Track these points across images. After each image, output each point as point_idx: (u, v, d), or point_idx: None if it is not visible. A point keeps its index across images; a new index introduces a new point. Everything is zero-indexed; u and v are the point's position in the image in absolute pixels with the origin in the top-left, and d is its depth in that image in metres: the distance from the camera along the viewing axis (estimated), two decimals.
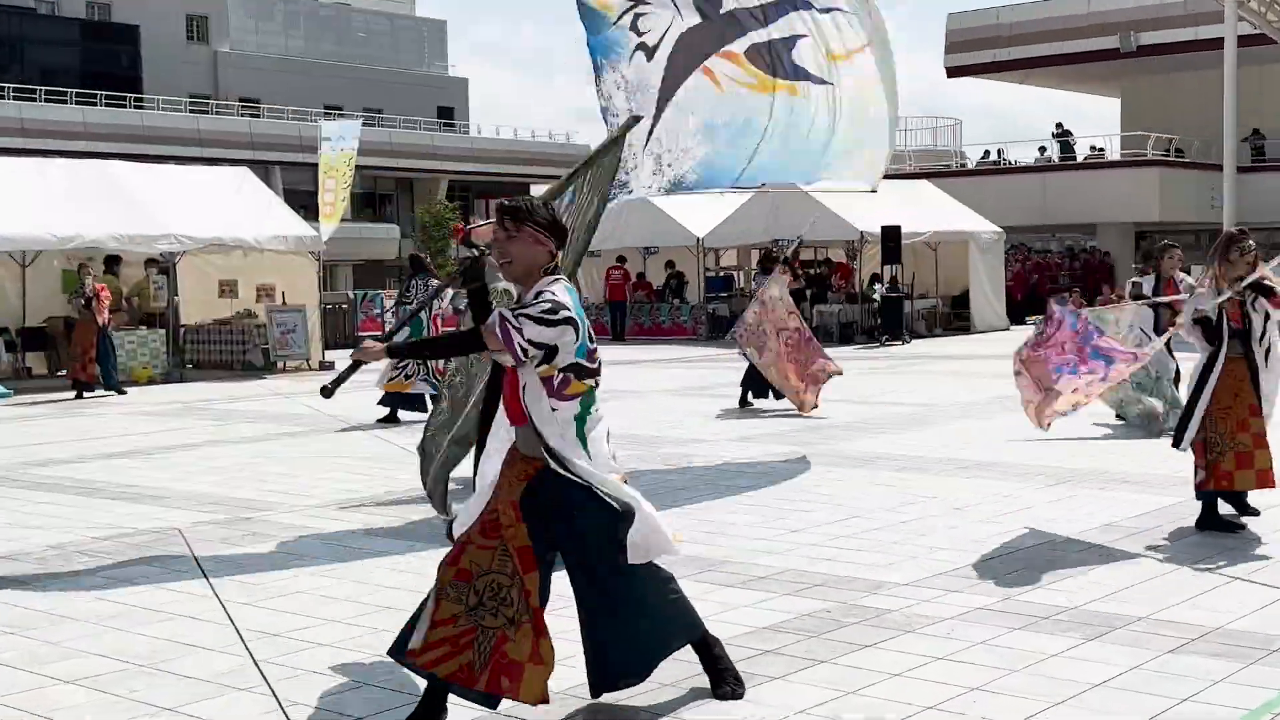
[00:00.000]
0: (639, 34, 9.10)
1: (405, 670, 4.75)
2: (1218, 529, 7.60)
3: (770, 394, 14.47)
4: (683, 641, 4.84)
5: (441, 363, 13.45)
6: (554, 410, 4.50)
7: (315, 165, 25.19)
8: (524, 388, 4.52)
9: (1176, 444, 7.76)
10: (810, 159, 10.22)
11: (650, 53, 9.10)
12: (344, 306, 29.10)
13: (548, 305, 4.42)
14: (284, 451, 12.08)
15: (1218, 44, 29.65)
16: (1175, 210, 35.53)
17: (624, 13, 9.03)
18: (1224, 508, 7.79)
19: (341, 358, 23.99)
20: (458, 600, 4.47)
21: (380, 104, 59.70)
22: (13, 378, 19.50)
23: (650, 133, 9.05)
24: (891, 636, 5.60)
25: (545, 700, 4.47)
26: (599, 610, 4.66)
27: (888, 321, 26.47)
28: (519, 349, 4.41)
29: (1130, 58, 38.02)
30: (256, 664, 5.39)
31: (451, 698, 4.57)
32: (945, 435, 12.05)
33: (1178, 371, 11.85)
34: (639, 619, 4.65)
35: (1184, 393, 8.58)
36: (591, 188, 8.12)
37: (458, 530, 4.66)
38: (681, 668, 4.96)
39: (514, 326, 4.39)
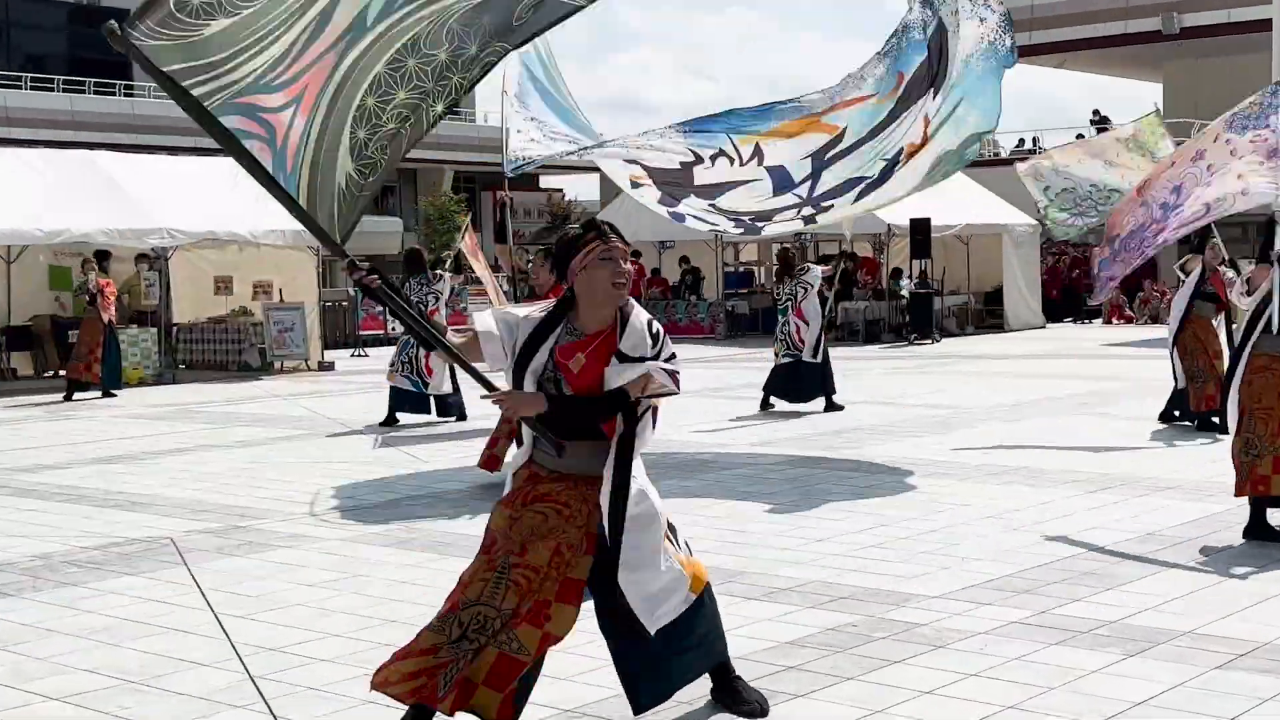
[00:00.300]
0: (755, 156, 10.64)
1: None
2: (1267, 538, 7.57)
3: (793, 397, 14.48)
4: (711, 663, 4.83)
5: (431, 363, 13.60)
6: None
7: None
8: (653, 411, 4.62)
9: (1225, 429, 7.91)
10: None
11: (735, 162, 10.70)
12: (344, 304, 29.14)
13: (663, 334, 4.59)
14: (280, 456, 12.10)
15: (1265, 25, 29.43)
16: None
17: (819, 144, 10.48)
18: (1277, 517, 7.77)
19: (341, 357, 24.13)
20: (440, 631, 4.45)
21: None
22: None
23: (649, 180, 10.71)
24: (921, 652, 5.60)
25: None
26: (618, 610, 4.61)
27: (917, 319, 26.40)
28: (677, 380, 4.57)
29: (1173, 40, 37.87)
30: (253, 680, 5.40)
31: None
32: (977, 439, 12.03)
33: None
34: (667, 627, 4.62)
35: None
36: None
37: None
38: (699, 682, 4.95)
39: (671, 369, 4.54)
